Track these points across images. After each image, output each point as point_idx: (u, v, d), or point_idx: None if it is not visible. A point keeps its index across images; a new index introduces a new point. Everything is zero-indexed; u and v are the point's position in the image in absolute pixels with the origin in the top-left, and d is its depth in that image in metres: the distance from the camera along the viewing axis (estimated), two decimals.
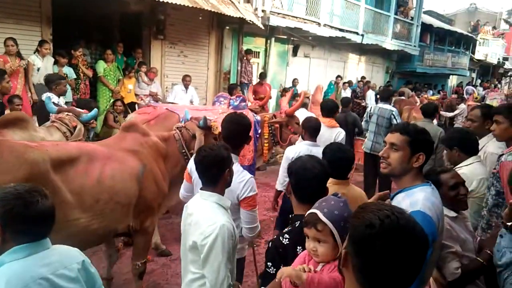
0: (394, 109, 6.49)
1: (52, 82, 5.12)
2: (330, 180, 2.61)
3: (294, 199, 1.99)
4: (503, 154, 2.77)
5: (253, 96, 7.23)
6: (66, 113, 4.03)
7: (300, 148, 4.09)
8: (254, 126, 5.01)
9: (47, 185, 2.33)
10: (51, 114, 4.14)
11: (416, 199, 1.92)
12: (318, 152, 3.87)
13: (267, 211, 6.02)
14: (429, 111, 6.13)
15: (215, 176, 2.13)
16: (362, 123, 6.86)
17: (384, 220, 1.10)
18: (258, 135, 5.17)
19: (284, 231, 1.96)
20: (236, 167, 2.62)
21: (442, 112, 11.53)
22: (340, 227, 1.60)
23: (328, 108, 5.23)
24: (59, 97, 4.98)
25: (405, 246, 1.08)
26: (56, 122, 3.86)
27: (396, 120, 6.21)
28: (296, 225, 1.87)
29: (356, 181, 6.80)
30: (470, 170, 2.88)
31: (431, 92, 18.32)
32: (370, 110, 6.59)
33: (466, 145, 3.10)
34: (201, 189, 2.18)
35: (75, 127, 3.89)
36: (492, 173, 2.83)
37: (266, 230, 5.43)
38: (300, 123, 4.52)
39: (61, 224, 2.43)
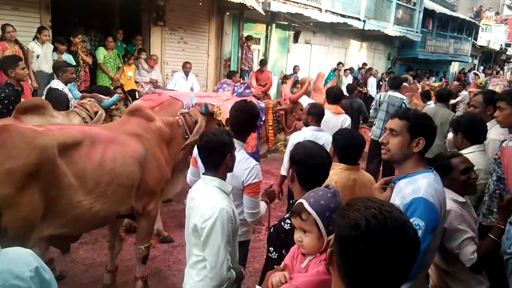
0: (404, 97, 6.56)
1: (59, 70, 5.12)
2: (342, 165, 2.66)
3: (298, 185, 1.98)
4: (505, 140, 2.76)
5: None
6: (88, 99, 4.14)
7: (305, 133, 4.14)
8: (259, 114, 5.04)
9: (54, 169, 2.37)
10: (74, 100, 4.24)
11: (419, 186, 1.91)
12: (323, 137, 4.10)
13: None
14: (444, 95, 6.14)
15: (217, 161, 2.16)
16: (371, 110, 6.89)
17: (370, 221, 1.04)
18: (262, 122, 5.20)
19: (285, 216, 1.96)
20: (242, 154, 2.66)
21: None
22: (325, 217, 1.58)
23: (334, 95, 5.27)
24: (66, 85, 4.97)
25: (392, 249, 1.03)
26: (77, 107, 3.99)
27: (407, 107, 6.27)
28: None
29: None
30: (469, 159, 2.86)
31: (433, 78, 18.22)
32: (380, 98, 6.60)
33: (472, 132, 3.06)
34: (203, 173, 2.21)
35: (96, 113, 3.99)
36: (493, 158, 2.81)
37: (267, 217, 5.44)
38: (304, 109, 4.54)
39: (66, 207, 2.49)
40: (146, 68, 8.50)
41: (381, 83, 14.79)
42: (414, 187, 1.92)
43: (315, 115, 4.20)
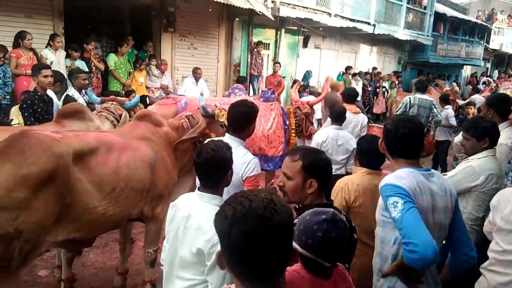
0: (433, 99, 6.77)
1: (71, 76, 5.33)
2: (364, 170, 2.70)
3: (317, 193, 1.97)
4: None
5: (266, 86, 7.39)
6: (111, 102, 4.26)
7: (328, 132, 4.47)
8: (283, 118, 5.32)
9: (69, 176, 2.42)
10: (96, 105, 4.38)
11: (383, 179, 2.04)
12: (344, 135, 4.46)
13: None
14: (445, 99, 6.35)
15: (218, 179, 2.03)
16: (399, 113, 6.94)
17: (236, 208, 1.08)
18: (286, 126, 5.38)
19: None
20: (240, 150, 2.70)
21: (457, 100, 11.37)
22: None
23: (351, 96, 5.60)
24: (80, 91, 5.10)
25: (260, 229, 1.05)
26: (104, 112, 4.10)
27: (436, 109, 6.51)
28: None
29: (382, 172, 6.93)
30: (479, 164, 2.85)
31: (446, 83, 17.97)
32: (410, 101, 6.68)
33: (495, 138, 3.01)
34: (199, 189, 2.05)
35: (120, 115, 4.11)
36: (508, 161, 2.81)
37: None
38: (326, 108, 4.74)
39: (81, 212, 2.54)
40: (157, 74, 8.61)
41: (392, 85, 14.68)
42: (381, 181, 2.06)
43: (336, 114, 4.51)
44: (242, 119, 2.78)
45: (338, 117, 4.49)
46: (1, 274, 2.19)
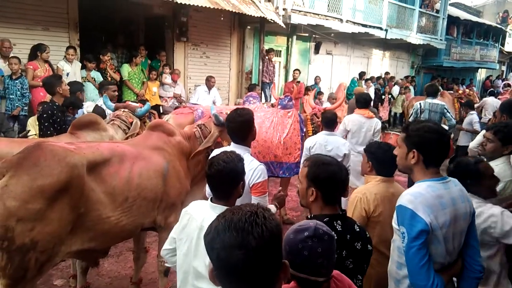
0: (444, 103, 6.66)
1: (102, 87, 5.51)
2: (378, 178, 2.68)
3: (321, 202, 1.97)
4: None
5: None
6: (123, 110, 4.31)
7: (317, 138, 4.53)
8: (300, 125, 5.39)
9: (83, 186, 2.46)
10: (109, 113, 4.46)
11: (401, 195, 2.03)
12: (334, 140, 4.47)
13: (290, 210, 6.04)
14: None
15: (230, 190, 2.04)
16: (410, 119, 6.98)
17: (220, 222, 1.10)
18: (303, 134, 5.42)
19: None
20: (247, 157, 2.68)
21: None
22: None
23: (364, 100, 5.60)
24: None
25: (241, 241, 1.05)
26: (116, 120, 4.14)
27: (449, 113, 6.40)
28: None
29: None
30: (497, 172, 2.79)
31: (461, 88, 17.69)
32: (421, 106, 6.64)
33: None
34: (212, 201, 2.05)
35: (131, 123, 4.15)
36: None
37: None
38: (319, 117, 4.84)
39: (95, 222, 2.57)
40: (170, 83, 8.70)
41: (401, 90, 14.55)
42: (400, 197, 2.03)
43: (326, 120, 4.59)
44: (241, 129, 2.81)
45: (328, 123, 4.55)
46: (17, 284, 2.22)
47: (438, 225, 1.93)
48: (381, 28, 13.63)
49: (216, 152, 3.04)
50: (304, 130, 5.53)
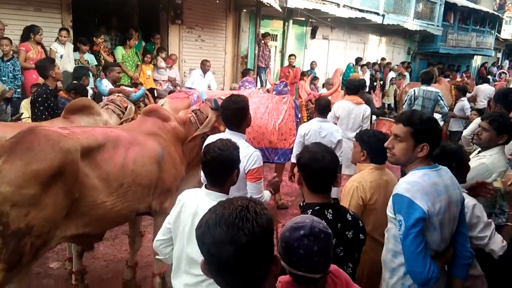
0: (439, 90, 6.65)
1: (106, 69, 5.56)
2: (371, 165, 2.69)
3: (306, 189, 2.00)
4: None
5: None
6: (117, 94, 4.27)
7: (311, 124, 4.51)
8: (295, 111, 5.38)
9: (78, 172, 2.46)
10: (103, 97, 4.40)
11: (397, 184, 2.05)
12: (328, 127, 4.48)
13: (285, 195, 6.08)
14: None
15: (224, 178, 2.05)
16: (404, 106, 6.99)
17: (210, 216, 1.11)
18: (298, 120, 5.43)
19: None
20: (242, 143, 2.68)
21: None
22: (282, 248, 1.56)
23: (353, 87, 5.60)
24: (114, 84, 5.32)
25: (228, 238, 1.05)
26: (110, 105, 4.11)
27: (442, 101, 6.40)
28: (309, 213, 1.89)
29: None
30: (491, 161, 2.83)
31: (458, 75, 17.68)
32: (415, 93, 6.66)
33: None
34: (206, 188, 2.08)
35: (126, 107, 4.12)
36: (508, 159, 2.79)
37: (284, 214, 5.50)
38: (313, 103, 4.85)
39: (89, 207, 2.57)
40: (164, 66, 8.61)
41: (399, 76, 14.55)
42: (396, 185, 2.06)
43: (319, 107, 4.57)
44: (235, 116, 2.80)
45: (322, 110, 4.56)
46: (13, 268, 2.23)
47: (435, 212, 1.96)
48: (378, 14, 13.52)
49: (212, 138, 3.05)
50: (299, 116, 5.54)
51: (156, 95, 8.11)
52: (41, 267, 3.83)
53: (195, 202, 2.03)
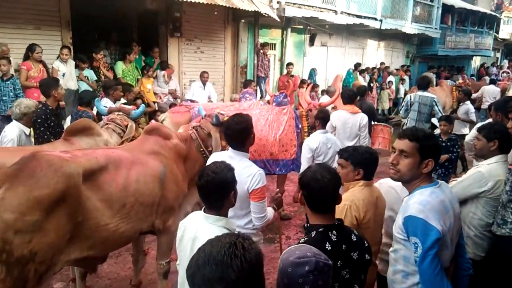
0: (434, 96, 6.67)
1: (110, 88, 5.53)
2: (361, 182, 2.60)
3: (308, 209, 1.99)
4: None
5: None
6: (117, 113, 4.26)
7: (318, 137, 4.46)
8: (295, 121, 5.36)
9: (80, 195, 2.47)
10: (102, 116, 4.40)
11: (407, 205, 2.01)
12: (331, 137, 4.55)
13: (288, 205, 6.07)
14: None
15: (221, 200, 2.05)
16: (401, 111, 7.02)
17: (199, 255, 1.11)
18: (299, 130, 5.42)
19: (300, 241, 1.98)
20: (245, 162, 2.73)
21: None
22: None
23: (348, 96, 5.58)
24: (115, 102, 5.25)
25: (218, 277, 1.06)
26: (110, 124, 4.10)
27: (437, 106, 6.40)
28: (312, 235, 1.88)
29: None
30: (488, 170, 2.82)
31: (459, 77, 17.59)
32: (411, 99, 6.68)
33: (505, 141, 2.93)
34: (205, 212, 2.07)
35: (127, 126, 4.12)
36: (508, 168, 2.78)
37: (287, 225, 5.48)
38: (312, 114, 4.79)
39: (93, 230, 2.58)
40: (166, 79, 8.66)
41: (401, 82, 14.55)
42: (404, 207, 2.02)
43: (322, 120, 4.53)
44: (238, 137, 2.79)
45: (325, 122, 4.56)
46: None
47: (447, 230, 1.96)
48: (375, 19, 13.58)
49: (215, 155, 3.06)
50: (300, 126, 5.52)
51: (157, 108, 8.14)
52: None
53: (195, 226, 2.04)
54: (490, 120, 4.34)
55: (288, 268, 1.46)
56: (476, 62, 23.78)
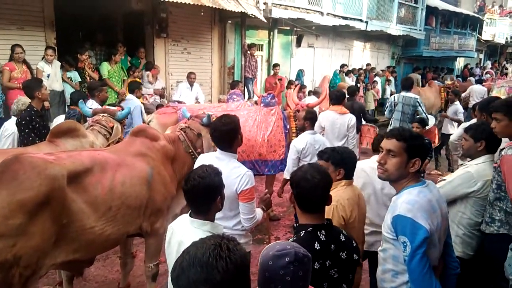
0: (418, 96, 6.78)
1: (95, 89, 5.40)
2: (343, 182, 2.62)
3: (298, 208, 2.00)
4: (503, 148, 2.77)
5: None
6: (102, 114, 4.18)
7: (305, 138, 4.46)
8: (283, 122, 5.38)
9: (65, 198, 2.42)
10: (87, 118, 4.33)
11: (396, 204, 2.03)
12: (319, 138, 4.54)
13: (276, 206, 6.08)
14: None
15: (207, 205, 2.02)
16: (386, 112, 7.10)
17: (184, 258, 1.11)
18: (287, 131, 5.44)
19: (289, 241, 1.98)
20: (233, 163, 2.73)
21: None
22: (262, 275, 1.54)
23: (336, 97, 5.65)
24: (101, 104, 5.16)
25: (203, 279, 1.06)
26: (96, 126, 4.02)
27: (421, 107, 6.47)
28: (301, 235, 1.89)
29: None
30: (477, 170, 2.85)
31: (448, 78, 17.75)
32: (394, 99, 6.77)
33: (494, 142, 2.95)
34: (191, 215, 2.04)
35: (112, 127, 4.06)
36: (493, 167, 2.82)
37: (276, 226, 5.49)
38: (300, 115, 4.78)
39: (78, 233, 2.54)
40: (151, 80, 8.59)
41: (387, 83, 14.69)
42: (393, 206, 2.04)
43: (311, 120, 4.54)
44: (226, 138, 2.79)
45: (313, 123, 4.58)
46: None
47: (434, 229, 1.98)
48: (361, 20, 13.68)
49: (203, 156, 3.04)
50: (288, 127, 5.54)
51: (143, 109, 8.06)
52: None
53: (182, 230, 2.02)
54: (474, 120, 4.41)
55: (269, 261, 1.47)
56: (460, 63, 24.16)
